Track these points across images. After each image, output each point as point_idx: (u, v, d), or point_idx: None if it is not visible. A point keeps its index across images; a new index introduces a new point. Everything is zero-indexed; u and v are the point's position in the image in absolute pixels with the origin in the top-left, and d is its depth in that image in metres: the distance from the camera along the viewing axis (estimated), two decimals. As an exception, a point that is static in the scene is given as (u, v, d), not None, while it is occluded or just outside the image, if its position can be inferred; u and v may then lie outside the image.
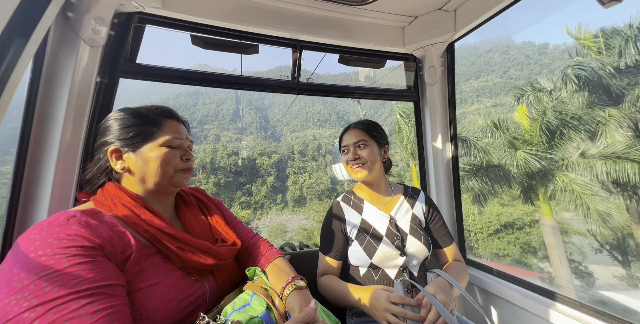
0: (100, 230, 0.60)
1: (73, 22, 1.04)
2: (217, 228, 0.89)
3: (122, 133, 0.75)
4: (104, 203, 0.70)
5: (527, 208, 21.72)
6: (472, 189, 14.68)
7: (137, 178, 0.75)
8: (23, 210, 1.01)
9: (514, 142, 13.12)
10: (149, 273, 0.64)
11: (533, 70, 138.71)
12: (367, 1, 1.40)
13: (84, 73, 1.09)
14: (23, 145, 1.01)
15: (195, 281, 0.72)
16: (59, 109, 1.05)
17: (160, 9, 1.20)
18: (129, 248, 0.63)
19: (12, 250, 0.54)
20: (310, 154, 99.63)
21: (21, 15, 0.83)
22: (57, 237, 0.53)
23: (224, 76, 1.46)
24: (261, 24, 1.39)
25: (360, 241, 1.15)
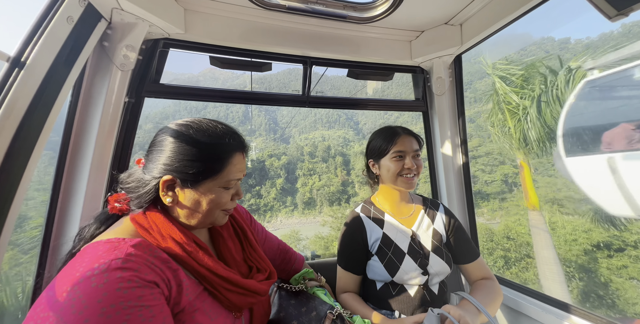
0: (158, 270, 0.57)
1: (108, 50, 1.18)
2: (251, 252, 0.86)
3: (186, 165, 0.65)
4: (151, 233, 0.64)
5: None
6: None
7: (182, 212, 0.69)
8: (60, 214, 1.14)
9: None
10: (203, 315, 0.63)
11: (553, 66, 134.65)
12: (375, 19, 1.48)
13: (115, 94, 1.22)
14: (62, 158, 1.15)
15: (235, 318, 0.72)
16: (93, 126, 1.18)
17: (183, 34, 1.33)
18: (185, 291, 0.61)
19: (53, 299, 0.48)
20: (320, 155, 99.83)
21: (67, 47, 0.97)
22: (125, 286, 0.49)
23: (238, 92, 1.58)
24: (273, 43, 1.49)
25: (381, 257, 1.11)
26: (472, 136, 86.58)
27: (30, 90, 0.87)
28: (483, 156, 69.39)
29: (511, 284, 1.54)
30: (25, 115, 0.85)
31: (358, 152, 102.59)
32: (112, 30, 1.16)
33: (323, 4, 1.40)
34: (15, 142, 0.82)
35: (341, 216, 35.08)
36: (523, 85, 10.50)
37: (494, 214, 57.60)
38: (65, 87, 0.99)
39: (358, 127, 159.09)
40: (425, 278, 1.09)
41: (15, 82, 0.82)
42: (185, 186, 0.66)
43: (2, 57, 0.82)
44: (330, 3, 1.41)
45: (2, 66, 0.85)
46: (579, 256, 18.28)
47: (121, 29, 1.16)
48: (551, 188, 35.93)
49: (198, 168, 0.66)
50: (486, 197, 61.69)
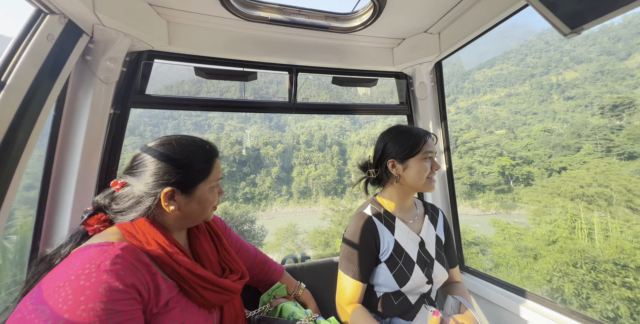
0: (139, 274, 0.64)
1: (90, 64, 1.20)
2: (225, 255, 0.95)
3: (183, 175, 0.75)
4: (136, 236, 0.71)
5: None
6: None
7: (180, 216, 0.78)
8: (47, 228, 1.17)
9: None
10: (178, 313, 0.70)
11: (552, 58, 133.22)
12: (356, 29, 1.51)
13: (100, 107, 1.26)
14: (47, 171, 1.19)
15: (208, 314, 0.80)
16: (78, 139, 1.22)
17: (167, 46, 1.35)
18: (162, 293, 0.68)
19: (41, 295, 0.55)
20: (316, 144, 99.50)
21: (49, 64, 1.00)
22: (107, 287, 0.56)
23: (227, 101, 1.61)
24: (258, 53, 1.52)
25: (390, 266, 1.06)
26: (470, 127, 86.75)
27: (12, 110, 0.90)
28: (481, 147, 69.70)
29: (488, 278, 1.65)
30: (7, 133, 0.88)
31: (355, 142, 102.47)
32: (94, 44, 1.18)
33: (305, 15, 1.42)
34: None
35: (343, 210, 31.30)
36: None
37: (489, 206, 57.74)
38: (47, 102, 1.03)
39: (354, 117, 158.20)
40: (429, 287, 1.09)
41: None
42: (184, 193, 0.76)
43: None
44: (312, 14, 1.43)
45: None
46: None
47: (103, 43, 1.18)
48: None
49: (191, 175, 0.77)
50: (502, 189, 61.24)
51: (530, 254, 16.14)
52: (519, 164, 64.51)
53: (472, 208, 62.08)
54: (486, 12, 1.32)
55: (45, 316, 0.52)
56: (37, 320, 0.52)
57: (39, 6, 0.93)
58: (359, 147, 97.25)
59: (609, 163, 40.83)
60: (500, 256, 17.22)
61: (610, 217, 19.40)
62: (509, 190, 62.42)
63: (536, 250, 16.28)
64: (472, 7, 1.38)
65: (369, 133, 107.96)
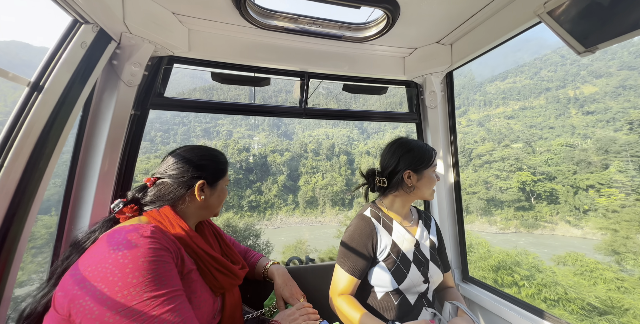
0: (171, 244, 0.78)
1: (116, 68, 1.30)
2: (227, 249, 1.09)
3: (214, 171, 0.98)
4: (162, 222, 0.85)
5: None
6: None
7: (203, 206, 0.96)
8: (70, 220, 1.27)
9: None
10: (197, 287, 0.83)
11: (569, 72, 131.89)
12: (369, 39, 1.58)
13: (122, 108, 1.35)
14: (72, 169, 1.28)
15: (215, 298, 0.91)
16: (101, 139, 1.31)
17: (186, 52, 1.44)
18: (185, 264, 0.81)
19: (112, 245, 0.69)
20: (324, 153, 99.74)
21: (81, 69, 1.10)
22: (149, 247, 0.70)
23: (239, 105, 1.69)
24: (272, 60, 1.61)
25: (388, 264, 1.14)
26: (485, 139, 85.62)
27: (47, 111, 0.99)
28: (498, 161, 67.95)
29: (491, 289, 1.66)
30: (42, 134, 0.98)
31: (363, 151, 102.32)
32: (120, 50, 1.28)
33: (319, 24, 1.50)
34: (32, 158, 0.95)
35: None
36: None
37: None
38: (77, 104, 1.12)
39: (363, 126, 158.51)
40: (426, 286, 1.17)
41: (34, 105, 0.95)
42: (210, 186, 0.97)
43: (22, 82, 0.94)
44: (326, 24, 1.51)
45: (19, 89, 0.98)
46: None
47: (129, 49, 1.28)
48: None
49: (215, 172, 0.98)
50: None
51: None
52: (540, 180, 62.30)
53: (490, 225, 59.46)
54: (500, 26, 1.37)
55: (109, 269, 0.65)
56: (88, 297, 0.63)
57: (75, 16, 1.03)
58: (367, 157, 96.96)
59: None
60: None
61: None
62: (530, 207, 59.93)
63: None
64: (486, 20, 1.43)
65: (378, 144, 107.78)
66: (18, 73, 0.92)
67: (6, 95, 51.35)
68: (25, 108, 0.94)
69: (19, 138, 0.91)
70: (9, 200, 0.90)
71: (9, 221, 0.90)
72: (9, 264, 0.91)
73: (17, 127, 0.91)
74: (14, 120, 0.92)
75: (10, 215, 0.90)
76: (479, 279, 1.79)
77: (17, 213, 0.91)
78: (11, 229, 0.90)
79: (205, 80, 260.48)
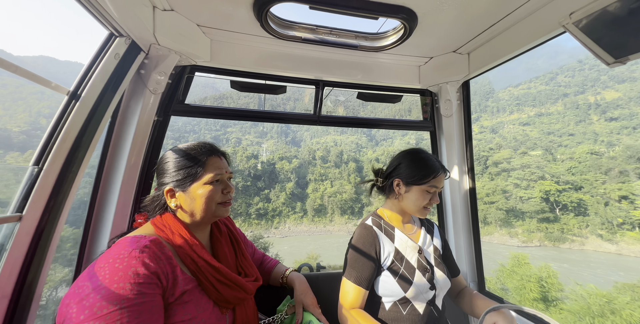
0: (162, 264, 0.76)
1: (143, 77, 1.38)
2: (242, 260, 1.05)
3: (174, 176, 0.90)
4: (163, 230, 0.86)
5: None
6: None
7: (187, 212, 0.91)
8: (96, 220, 1.35)
9: None
10: (192, 307, 0.78)
11: (588, 77, 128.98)
12: (386, 48, 1.63)
13: (147, 115, 1.43)
14: (100, 171, 1.35)
15: (222, 314, 0.86)
16: (126, 144, 1.38)
17: (208, 61, 1.52)
18: (179, 285, 0.78)
19: (90, 273, 0.69)
20: (332, 160, 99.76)
21: (113, 78, 1.18)
22: (135, 272, 0.69)
23: (254, 112, 1.76)
24: (288, 68, 1.67)
25: (393, 272, 1.14)
26: (501, 146, 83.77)
27: (82, 118, 1.07)
28: (518, 169, 65.55)
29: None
30: (76, 139, 1.06)
31: (372, 158, 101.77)
32: (148, 60, 1.37)
33: (336, 34, 1.56)
34: (67, 161, 1.03)
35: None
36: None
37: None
38: (107, 112, 1.20)
39: (371, 133, 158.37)
40: (433, 293, 1.16)
41: (72, 113, 1.03)
42: (181, 190, 0.90)
43: (62, 91, 1.03)
44: (343, 34, 1.57)
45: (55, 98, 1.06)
46: None
47: (156, 59, 1.36)
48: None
49: (184, 174, 0.90)
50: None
51: None
52: (565, 190, 59.31)
53: (510, 237, 56.42)
54: (520, 36, 1.37)
55: (90, 289, 0.66)
56: (85, 293, 0.66)
57: (111, 30, 1.12)
58: (377, 164, 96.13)
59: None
60: None
61: None
62: (555, 219, 56.82)
63: None
64: (506, 30, 1.44)
65: (387, 150, 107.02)
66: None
67: (31, 106, 53.33)
68: (63, 115, 1.02)
69: (57, 144, 0.98)
70: (45, 200, 0.97)
71: (44, 220, 0.97)
72: (42, 261, 0.98)
73: (56, 132, 0.99)
74: (54, 126, 1.00)
75: (46, 215, 0.98)
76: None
77: (51, 213, 0.99)
78: (46, 228, 0.98)
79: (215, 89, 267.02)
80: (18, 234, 0.91)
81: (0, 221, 0.86)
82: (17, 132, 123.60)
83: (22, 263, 0.93)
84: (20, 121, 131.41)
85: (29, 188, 0.93)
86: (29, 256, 0.94)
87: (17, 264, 0.92)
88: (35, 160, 0.96)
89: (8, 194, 0.96)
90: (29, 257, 0.94)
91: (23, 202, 0.93)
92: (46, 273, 1.03)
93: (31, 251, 0.95)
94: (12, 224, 0.91)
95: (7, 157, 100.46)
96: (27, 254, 0.94)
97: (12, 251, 0.89)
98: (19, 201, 0.93)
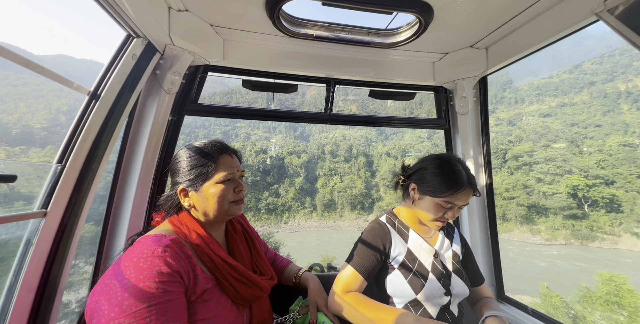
0: (183, 263, 0.78)
1: (159, 77, 1.42)
2: (257, 259, 1.08)
3: (186, 175, 0.92)
4: (180, 228, 0.89)
5: None
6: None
7: (200, 211, 0.94)
8: (114, 217, 1.41)
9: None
10: (212, 305, 0.81)
11: (618, 63, 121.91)
12: (399, 44, 1.61)
13: (162, 114, 1.47)
14: (117, 170, 1.42)
15: (239, 312, 0.89)
16: (142, 143, 1.44)
17: (221, 61, 1.55)
18: (200, 283, 0.81)
19: (116, 271, 0.72)
20: (342, 155, 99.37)
21: (131, 78, 1.22)
22: (158, 270, 0.71)
23: (266, 111, 1.78)
24: (299, 67, 1.68)
25: (404, 273, 1.13)
26: (521, 139, 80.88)
27: (101, 117, 1.12)
28: (541, 162, 62.56)
29: (530, 311, 1.59)
30: (96, 138, 1.11)
31: (383, 153, 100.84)
32: (163, 60, 1.40)
33: (349, 31, 1.55)
34: (88, 159, 1.08)
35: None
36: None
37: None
38: (125, 112, 1.25)
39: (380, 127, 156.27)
40: (448, 299, 1.13)
41: (92, 112, 1.08)
42: (193, 190, 0.92)
43: (83, 91, 1.07)
44: (355, 30, 1.56)
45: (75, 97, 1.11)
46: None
47: (171, 59, 1.40)
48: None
49: (196, 174, 0.92)
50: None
51: None
52: (595, 185, 55.59)
53: (532, 235, 53.69)
54: (545, 27, 1.32)
55: (117, 288, 0.69)
56: (113, 290, 0.69)
57: (129, 31, 1.16)
58: (387, 159, 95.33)
59: None
60: None
61: None
62: (584, 215, 53.30)
63: None
64: (529, 21, 1.38)
65: (398, 145, 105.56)
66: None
67: (51, 103, 53.96)
68: (84, 115, 1.07)
69: (79, 142, 1.04)
70: (68, 197, 1.03)
71: (67, 217, 1.03)
72: (65, 256, 1.04)
73: (77, 131, 1.05)
74: (76, 125, 1.05)
75: (68, 211, 1.04)
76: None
77: (73, 210, 1.05)
78: (68, 224, 1.04)
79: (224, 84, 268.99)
80: (43, 229, 0.97)
81: (28, 217, 0.92)
82: (38, 128, 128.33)
83: (47, 257, 0.99)
84: (42, 118, 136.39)
85: (53, 185, 0.99)
86: (53, 251, 1.00)
87: (42, 258, 0.97)
88: (59, 158, 1.01)
89: (34, 189, 1.02)
90: (53, 252, 1.00)
91: (47, 199, 0.99)
92: (69, 268, 1.09)
93: (55, 246, 1.01)
94: (38, 220, 0.96)
95: (29, 152, 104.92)
96: (52, 249, 1.00)
97: (37, 246, 0.95)
98: (44, 197, 0.99)
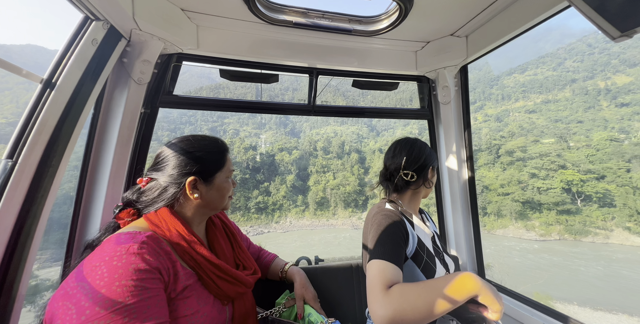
0: (162, 260, 0.73)
1: (127, 66, 1.35)
2: (240, 253, 1.06)
3: (200, 166, 0.88)
4: (159, 226, 0.82)
5: None
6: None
7: (201, 203, 0.89)
8: (83, 217, 1.33)
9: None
10: (194, 301, 0.78)
11: (598, 61, 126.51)
12: (380, 32, 1.59)
13: (133, 106, 1.40)
14: (84, 166, 1.34)
15: (222, 307, 0.88)
16: (112, 137, 1.37)
17: (195, 49, 1.48)
18: (180, 280, 0.77)
19: (80, 274, 0.64)
20: (334, 151, 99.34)
21: (92, 66, 1.14)
22: (135, 268, 0.66)
23: (247, 102, 1.73)
24: (280, 56, 1.63)
25: (417, 261, 1.10)
26: (513, 134, 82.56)
27: (59, 108, 1.04)
28: (535, 158, 63.45)
29: (515, 295, 1.63)
30: (54, 131, 1.02)
31: (375, 149, 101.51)
32: (130, 48, 1.33)
33: (329, 18, 1.51)
34: (45, 155, 1.00)
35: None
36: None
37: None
38: (89, 102, 1.17)
39: (372, 124, 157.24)
40: None
41: (47, 102, 0.99)
42: (205, 181, 0.89)
43: (35, 79, 0.99)
44: (336, 17, 1.52)
45: (31, 86, 1.03)
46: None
47: (139, 46, 1.33)
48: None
49: (209, 165, 0.90)
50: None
51: None
52: (589, 179, 56.81)
53: (527, 231, 54.24)
54: (521, 13, 1.34)
55: (86, 290, 0.61)
56: (80, 294, 0.61)
57: (87, 13, 1.08)
58: (380, 155, 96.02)
59: None
60: None
61: None
62: (577, 210, 54.30)
63: None
64: (505, 9, 1.40)
65: (389, 141, 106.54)
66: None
67: (18, 96, 51.50)
68: (38, 105, 0.98)
69: (32, 135, 0.95)
70: (23, 196, 0.94)
71: (23, 217, 0.94)
72: (23, 260, 0.95)
73: (30, 123, 0.96)
74: (27, 116, 0.96)
75: (24, 212, 0.94)
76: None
77: (31, 210, 0.96)
78: (25, 225, 0.94)
79: (212, 79, 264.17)
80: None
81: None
82: (4, 123, 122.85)
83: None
84: (7, 112, 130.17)
85: (3, 183, 0.89)
86: (6, 258, 0.89)
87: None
88: (9, 153, 0.92)
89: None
90: (6, 258, 0.89)
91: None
92: (28, 277, 0.98)
93: (9, 252, 0.90)
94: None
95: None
96: (5, 254, 0.89)
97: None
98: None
